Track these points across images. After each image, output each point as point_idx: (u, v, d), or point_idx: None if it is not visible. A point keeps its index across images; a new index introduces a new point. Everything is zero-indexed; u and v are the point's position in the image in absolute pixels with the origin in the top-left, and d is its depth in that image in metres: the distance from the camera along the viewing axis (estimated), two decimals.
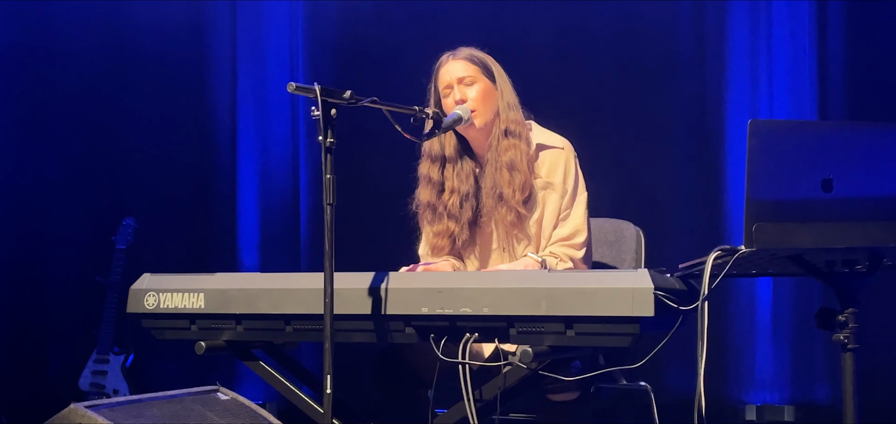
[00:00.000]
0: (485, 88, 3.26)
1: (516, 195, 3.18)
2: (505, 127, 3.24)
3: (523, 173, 3.20)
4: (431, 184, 3.32)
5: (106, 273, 5.73)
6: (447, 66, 3.29)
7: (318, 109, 2.60)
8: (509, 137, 3.23)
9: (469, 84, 3.25)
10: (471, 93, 3.23)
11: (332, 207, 2.60)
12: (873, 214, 2.48)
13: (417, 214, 3.38)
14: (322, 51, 6.13)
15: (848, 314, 2.58)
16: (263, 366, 3.14)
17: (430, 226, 3.32)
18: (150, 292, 3.06)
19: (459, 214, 3.27)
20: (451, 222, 3.27)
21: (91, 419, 2.76)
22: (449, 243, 3.29)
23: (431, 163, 3.33)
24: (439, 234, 3.28)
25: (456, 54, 3.30)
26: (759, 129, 2.44)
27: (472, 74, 3.26)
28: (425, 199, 3.33)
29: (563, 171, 3.24)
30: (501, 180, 3.20)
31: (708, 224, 5.62)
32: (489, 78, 3.29)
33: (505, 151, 3.22)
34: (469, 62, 3.28)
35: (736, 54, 5.70)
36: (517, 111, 3.29)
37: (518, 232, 3.21)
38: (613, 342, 2.55)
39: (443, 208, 3.29)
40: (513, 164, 3.20)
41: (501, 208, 3.20)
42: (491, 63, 3.32)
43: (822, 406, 5.48)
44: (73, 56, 6.18)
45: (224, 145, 6.26)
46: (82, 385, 5.66)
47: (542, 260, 3.10)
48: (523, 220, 3.20)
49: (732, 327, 5.63)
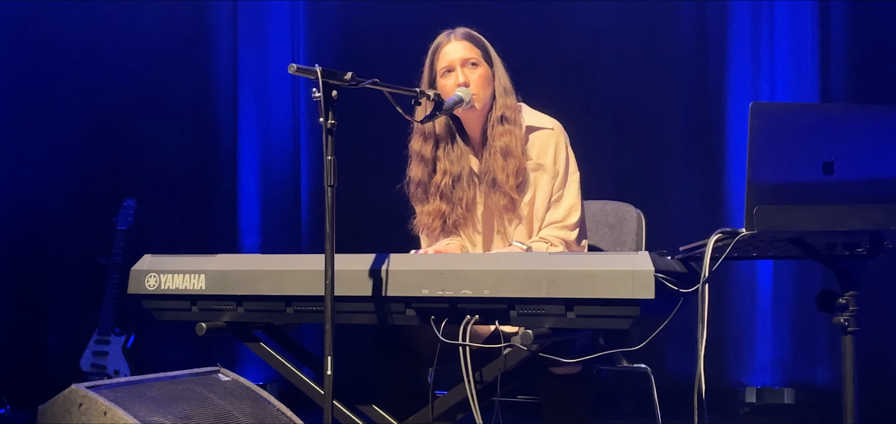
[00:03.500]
0: (485, 72, 3.25)
1: (510, 181, 3.17)
2: (501, 113, 3.23)
3: (517, 159, 3.19)
4: (423, 162, 3.30)
5: (107, 254, 5.74)
6: (448, 47, 3.26)
7: (320, 91, 2.59)
8: (504, 122, 3.22)
9: (472, 66, 3.23)
10: (473, 75, 3.22)
11: (333, 188, 2.60)
12: (874, 196, 2.48)
13: (408, 191, 3.37)
14: (323, 32, 6.12)
15: (848, 296, 2.58)
16: (264, 347, 3.14)
17: (422, 205, 3.30)
18: (151, 273, 3.06)
19: (451, 195, 3.26)
20: (442, 202, 3.26)
21: (92, 399, 2.76)
22: (440, 223, 3.27)
23: (423, 141, 3.31)
24: (430, 214, 3.27)
25: (456, 34, 3.27)
26: (761, 111, 2.43)
27: (475, 56, 3.24)
28: (417, 177, 3.31)
29: (554, 152, 3.23)
30: (495, 166, 3.19)
31: (709, 207, 5.63)
32: (488, 62, 3.27)
33: (499, 136, 3.20)
34: (471, 44, 3.25)
35: (737, 38, 5.69)
36: (511, 96, 3.28)
37: (511, 215, 3.21)
38: (614, 324, 2.55)
39: (434, 189, 3.27)
40: (507, 149, 3.19)
41: (495, 194, 3.20)
42: (489, 46, 3.30)
43: (822, 389, 5.49)
44: (76, 39, 6.18)
45: (225, 126, 6.26)
46: (83, 366, 5.67)
47: (528, 248, 3.09)
48: (516, 204, 3.20)
49: (733, 309, 5.64)
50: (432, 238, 3.30)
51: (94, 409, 2.75)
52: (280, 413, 3.06)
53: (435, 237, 3.30)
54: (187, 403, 2.91)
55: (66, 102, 6.21)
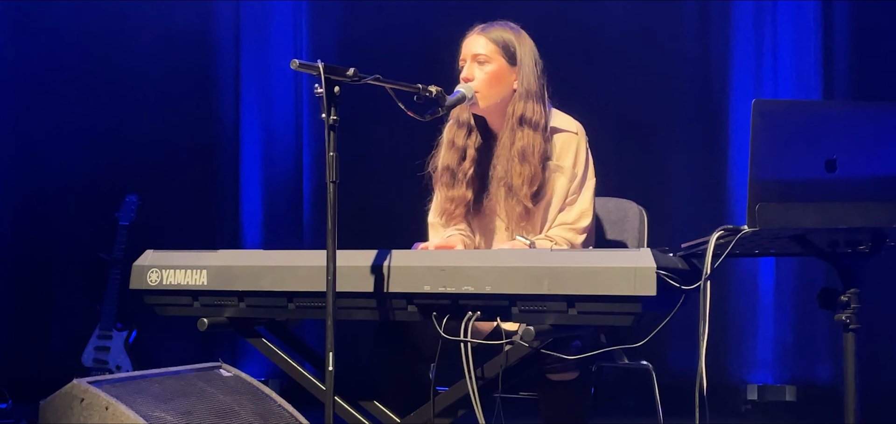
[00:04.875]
0: (497, 71, 3.21)
1: (524, 188, 3.15)
2: (520, 114, 3.20)
3: (533, 166, 3.16)
4: (455, 148, 3.29)
5: (109, 250, 5.74)
6: (470, 38, 3.26)
7: (322, 87, 2.59)
8: (523, 125, 3.19)
9: (481, 63, 3.21)
10: (479, 73, 3.20)
11: (335, 184, 2.59)
12: (877, 194, 2.48)
13: (432, 176, 3.36)
14: (325, 30, 6.12)
15: (850, 294, 2.57)
16: (266, 343, 3.15)
17: (448, 190, 3.28)
18: (153, 268, 3.07)
19: (477, 184, 3.26)
20: (468, 190, 3.25)
21: (94, 394, 2.76)
22: (463, 211, 3.27)
23: (458, 128, 3.30)
24: (454, 199, 3.25)
25: (483, 29, 3.26)
26: (763, 108, 2.43)
27: (489, 53, 3.21)
28: (446, 162, 3.29)
29: (574, 155, 3.23)
30: (512, 170, 3.17)
31: (711, 204, 5.63)
32: (509, 61, 3.23)
33: (518, 138, 3.18)
34: (490, 41, 3.22)
35: (741, 34, 5.69)
36: (536, 101, 3.22)
37: (525, 223, 3.19)
38: (615, 321, 2.55)
39: (462, 176, 3.26)
40: (524, 153, 3.16)
41: (511, 200, 3.18)
42: (518, 47, 3.25)
43: (824, 386, 5.49)
44: (79, 36, 6.18)
45: (228, 122, 6.27)
46: (85, 361, 5.67)
47: (532, 243, 3.09)
48: (531, 213, 3.18)
49: (735, 306, 5.64)
50: (450, 225, 3.30)
51: (95, 404, 2.75)
52: (282, 408, 3.06)
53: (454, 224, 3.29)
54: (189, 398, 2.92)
55: (69, 98, 6.21)
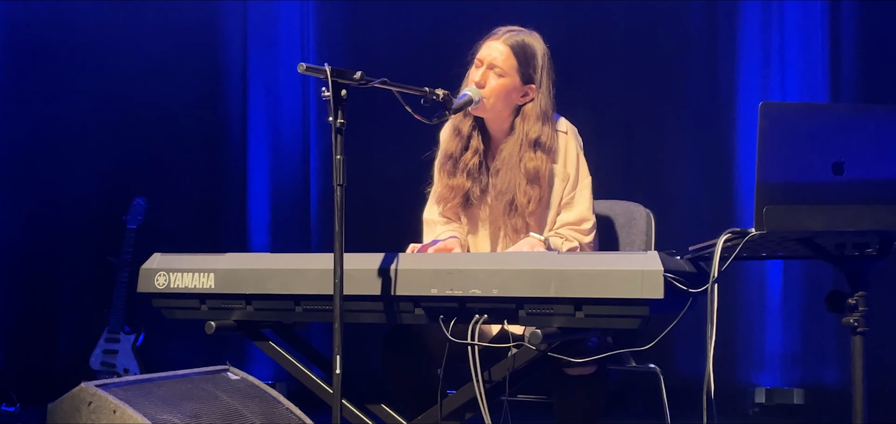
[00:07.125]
0: (509, 87, 3.18)
1: (531, 207, 3.15)
2: (535, 138, 3.16)
3: (543, 189, 3.16)
4: (459, 136, 3.26)
5: (117, 253, 5.75)
6: (488, 41, 3.22)
7: (329, 90, 2.59)
8: (538, 148, 3.16)
9: (498, 74, 3.16)
10: (493, 81, 3.16)
11: (342, 187, 2.59)
12: (884, 197, 2.48)
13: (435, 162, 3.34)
14: (333, 33, 6.13)
15: (858, 297, 2.57)
16: (273, 346, 3.15)
17: (449, 178, 3.26)
18: (161, 271, 3.07)
19: (478, 175, 3.25)
20: (468, 180, 3.24)
21: (101, 398, 2.77)
22: (461, 200, 3.25)
23: (464, 117, 3.26)
24: (454, 188, 3.24)
25: (507, 39, 3.20)
26: (770, 111, 2.43)
27: (506, 69, 3.17)
28: (450, 149, 3.27)
29: (564, 155, 3.22)
30: (519, 187, 3.15)
31: (718, 207, 5.62)
32: (523, 80, 3.19)
33: (529, 159, 3.16)
34: (511, 55, 3.18)
35: (748, 37, 5.68)
36: (549, 123, 3.20)
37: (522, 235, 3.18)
38: (623, 324, 2.55)
39: (463, 166, 3.24)
40: (536, 175, 3.15)
41: (513, 215, 3.17)
42: (539, 66, 3.21)
43: (832, 389, 5.48)
44: (87, 40, 6.19)
45: (235, 126, 6.28)
46: (93, 365, 5.68)
47: (546, 240, 3.08)
48: (528, 229, 3.18)
49: (742, 309, 5.63)
50: (447, 213, 3.29)
51: (103, 407, 2.76)
52: (289, 411, 3.06)
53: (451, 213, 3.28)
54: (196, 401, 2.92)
55: (77, 101, 6.22)
